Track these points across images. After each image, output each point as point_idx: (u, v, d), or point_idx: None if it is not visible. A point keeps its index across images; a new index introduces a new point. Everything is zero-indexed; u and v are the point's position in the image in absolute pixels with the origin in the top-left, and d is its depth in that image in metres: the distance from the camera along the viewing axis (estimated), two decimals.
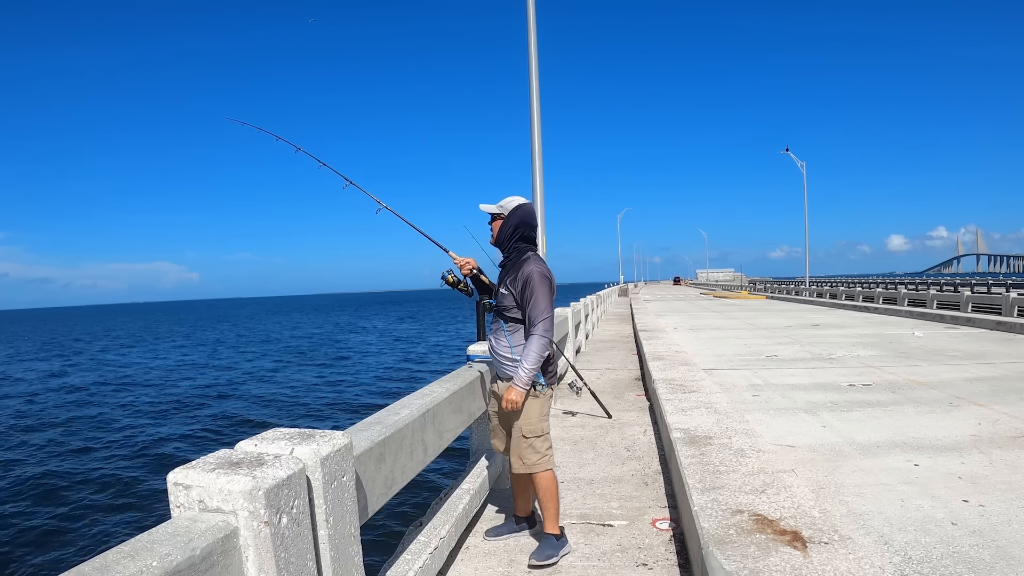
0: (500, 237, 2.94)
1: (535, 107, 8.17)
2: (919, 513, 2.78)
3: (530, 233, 2.94)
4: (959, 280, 34.64)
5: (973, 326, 11.74)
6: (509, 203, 2.93)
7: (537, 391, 2.86)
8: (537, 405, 2.87)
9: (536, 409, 2.86)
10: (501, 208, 2.94)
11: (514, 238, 2.90)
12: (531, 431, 2.84)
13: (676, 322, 14.92)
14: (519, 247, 2.91)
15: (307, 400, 17.06)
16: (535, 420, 2.86)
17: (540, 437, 2.86)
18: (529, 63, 8.15)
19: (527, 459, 2.85)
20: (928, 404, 5.05)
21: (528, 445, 2.85)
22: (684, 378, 6.22)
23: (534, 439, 2.85)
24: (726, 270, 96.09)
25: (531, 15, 8.13)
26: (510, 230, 2.90)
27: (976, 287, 25.60)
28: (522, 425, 2.85)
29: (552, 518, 2.89)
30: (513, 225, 2.90)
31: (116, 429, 13.92)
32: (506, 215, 2.92)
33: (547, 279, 2.82)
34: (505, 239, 2.92)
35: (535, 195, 8.65)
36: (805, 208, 31.51)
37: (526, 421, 2.85)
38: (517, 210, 2.91)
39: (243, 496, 1.29)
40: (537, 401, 2.86)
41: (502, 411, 2.96)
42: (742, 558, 2.23)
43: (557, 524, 2.90)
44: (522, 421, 2.85)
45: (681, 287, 67.36)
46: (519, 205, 2.93)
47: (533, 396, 2.85)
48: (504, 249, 2.95)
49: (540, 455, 2.85)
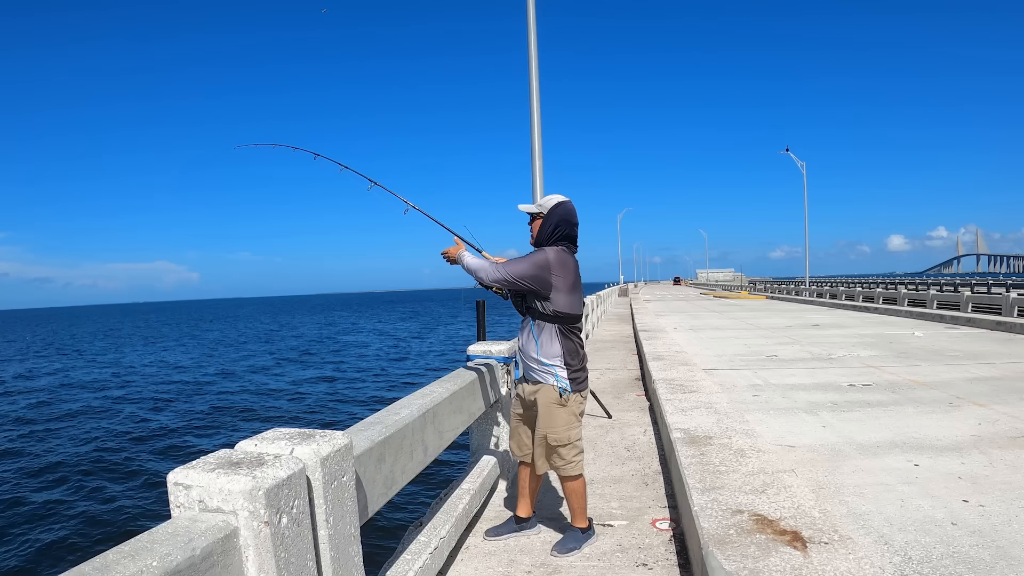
0: (540, 237, 2.86)
1: (535, 107, 8.17)
2: (919, 513, 2.78)
3: (571, 231, 2.85)
4: (959, 280, 34.66)
5: (973, 326, 11.74)
6: (548, 201, 2.86)
7: (564, 398, 2.77)
8: (563, 412, 2.78)
9: (562, 417, 2.78)
10: (540, 207, 2.88)
11: (554, 236, 2.82)
12: (556, 440, 2.77)
13: (676, 322, 14.92)
14: (556, 244, 2.83)
15: (307, 400, 17.06)
16: (561, 428, 2.78)
17: (567, 446, 2.78)
18: (529, 63, 8.16)
19: (553, 462, 2.82)
20: (928, 404, 5.05)
21: (554, 452, 2.80)
22: (684, 378, 6.22)
23: (560, 448, 2.78)
24: (726, 270, 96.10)
25: (531, 15, 8.13)
26: (550, 228, 2.82)
27: (976, 287, 25.61)
28: (548, 433, 2.78)
29: (580, 513, 2.91)
30: (553, 223, 2.82)
31: (115, 429, 13.92)
32: (546, 213, 2.85)
33: (547, 264, 2.71)
34: (545, 238, 2.83)
35: (535, 195, 8.65)
36: (805, 208, 31.54)
37: (551, 429, 2.78)
38: (557, 208, 2.84)
39: (243, 496, 1.29)
40: (563, 409, 2.78)
41: (527, 413, 2.93)
42: (742, 558, 2.23)
43: (585, 518, 2.93)
44: (547, 429, 2.78)
45: (681, 287, 67.36)
46: (559, 203, 2.86)
47: (559, 404, 2.77)
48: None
49: (566, 461, 2.80)
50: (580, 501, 2.90)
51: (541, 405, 2.81)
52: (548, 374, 2.80)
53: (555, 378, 2.78)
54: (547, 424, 2.78)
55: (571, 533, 2.92)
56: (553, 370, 2.79)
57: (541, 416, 2.81)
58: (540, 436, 2.81)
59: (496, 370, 3.85)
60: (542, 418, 2.80)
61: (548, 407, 2.79)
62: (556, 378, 2.78)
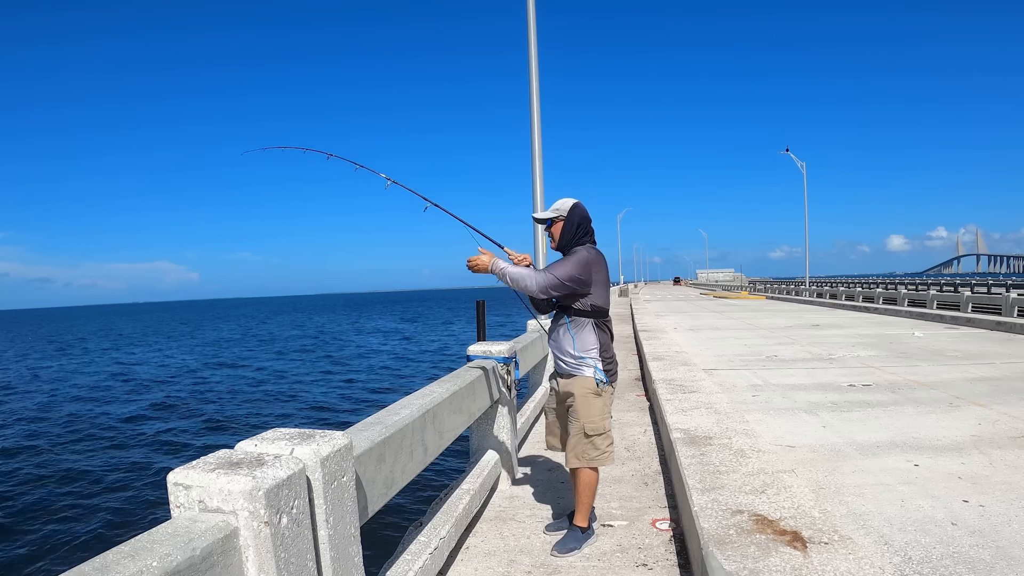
0: (564, 239, 2.93)
1: (535, 107, 8.17)
2: (919, 513, 2.78)
3: (589, 227, 2.96)
4: (959, 280, 34.65)
5: (973, 326, 11.74)
6: (564, 204, 2.94)
7: (600, 388, 2.85)
8: (599, 403, 2.85)
9: (598, 406, 2.85)
10: (558, 211, 2.94)
11: (578, 235, 2.91)
12: (593, 429, 2.83)
13: (676, 322, 14.92)
14: (581, 243, 2.92)
15: (307, 400, 17.06)
16: (597, 418, 2.84)
17: (602, 435, 2.85)
18: (529, 63, 8.15)
19: (586, 454, 2.84)
20: (928, 404, 5.05)
21: (589, 443, 2.84)
22: (684, 378, 6.22)
23: (595, 437, 2.83)
24: (726, 270, 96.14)
25: (531, 15, 8.13)
26: (573, 229, 2.91)
27: (976, 287, 25.60)
28: (584, 423, 2.83)
29: (584, 512, 2.93)
30: (575, 224, 2.91)
31: (115, 429, 13.92)
32: (566, 215, 2.92)
33: (589, 262, 2.81)
34: (568, 239, 2.92)
35: (535, 195, 8.65)
36: (805, 208, 31.55)
37: (588, 418, 2.83)
38: (575, 209, 2.93)
39: (243, 496, 1.29)
40: (599, 399, 2.85)
41: (561, 407, 2.99)
42: (742, 558, 2.23)
43: (587, 518, 2.95)
44: (584, 419, 2.83)
45: (681, 287, 67.36)
46: (575, 204, 2.95)
47: (595, 394, 2.84)
48: (568, 250, 2.93)
49: (600, 451, 2.85)
50: (589, 499, 2.93)
51: (578, 396, 2.85)
52: (585, 366, 2.85)
53: (593, 369, 2.85)
54: (584, 413, 2.83)
55: (571, 533, 2.94)
56: (590, 362, 2.85)
57: (578, 407, 2.85)
58: (577, 427, 2.84)
59: (496, 370, 3.85)
60: (579, 408, 2.84)
61: (585, 397, 2.84)
62: (595, 370, 2.85)
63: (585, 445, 2.84)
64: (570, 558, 2.82)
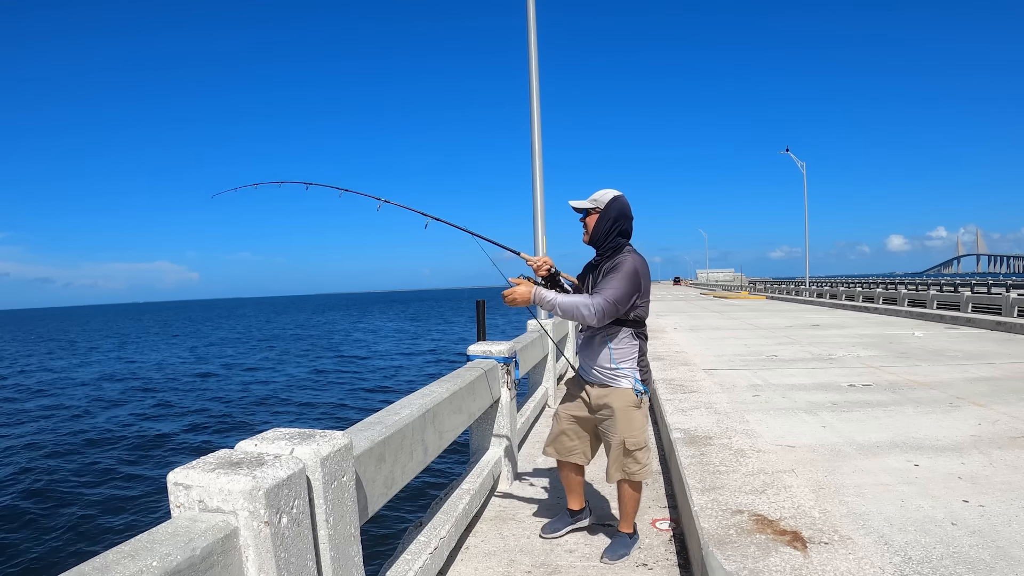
0: (596, 233, 2.71)
1: (535, 107, 8.17)
2: (919, 513, 2.78)
3: (628, 226, 2.72)
4: (959, 280, 34.64)
5: (973, 326, 11.74)
6: (604, 196, 2.71)
7: (639, 399, 2.71)
8: (640, 415, 2.72)
9: (639, 419, 2.71)
10: (595, 202, 2.72)
11: (612, 233, 2.68)
12: (635, 443, 2.68)
13: (676, 322, 14.92)
14: (618, 243, 2.70)
15: (307, 400, 17.06)
16: (639, 431, 2.70)
17: (643, 449, 2.71)
18: (529, 63, 8.15)
19: (628, 468, 2.70)
20: (928, 404, 5.05)
21: (631, 457, 2.69)
22: (684, 378, 6.22)
23: (637, 451, 2.69)
24: (726, 270, 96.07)
25: (531, 14, 8.13)
26: (608, 224, 2.68)
27: (976, 287, 25.59)
28: (626, 437, 2.68)
29: (630, 518, 2.85)
30: (611, 219, 2.67)
31: (115, 429, 13.91)
32: (602, 208, 2.69)
33: (638, 274, 2.60)
34: (602, 235, 2.69)
35: (535, 194, 8.66)
36: (805, 208, 31.56)
37: (630, 432, 2.67)
38: (614, 202, 2.69)
39: (243, 496, 1.29)
40: (639, 411, 2.72)
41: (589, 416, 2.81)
42: (742, 558, 2.23)
43: (632, 524, 2.88)
44: (625, 433, 2.68)
45: (681, 287, 67.36)
46: (615, 196, 2.71)
47: (635, 406, 2.70)
48: (600, 247, 2.73)
49: (641, 465, 2.71)
50: (635, 506, 2.83)
51: (618, 409, 2.69)
52: (623, 378, 2.70)
53: (632, 380, 2.70)
54: (626, 428, 2.68)
55: (620, 538, 2.85)
56: (628, 372, 2.71)
57: (618, 420, 2.69)
58: (618, 441, 2.69)
59: (496, 370, 3.85)
60: (619, 422, 2.69)
61: (626, 411, 2.69)
62: (634, 380, 2.71)
63: (627, 460, 2.69)
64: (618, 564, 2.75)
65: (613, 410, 2.70)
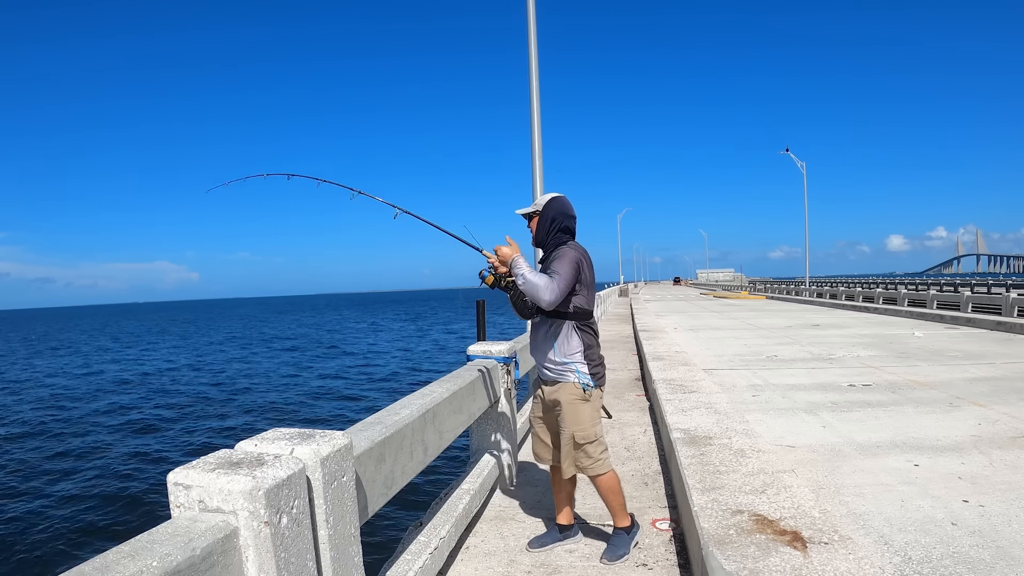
0: (539, 234, 2.83)
1: (535, 106, 8.17)
2: (919, 513, 2.78)
3: (568, 223, 2.82)
4: (959, 280, 34.64)
5: (973, 326, 11.74)
6: (543, 199, 2.86)
7: (587, 393, 2.73)
8: (588, 408, 2.74)
9: (587, 413, 2.73)
10: (535, 206, 2.85)
11: (552, 231, 2.79)
12: (583, 437, 2.71)
13: (676, 322, 14.92)
14: (559, 239, 2.79)
15: (307, 400, 17.06)
16: (587, 424, 2.72)
17: (593, 443, 2.73)
18: (529, 63, 8.15)
19: (580, 462, 2.74)
20: (928, 404, 5.05)
21: (581, 451, 2.72)
22: (684, 378, 6.22)
23: (587, 445, 2.72)
24: (726, 270, 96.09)
25: (531, 14, 8.13)
26: (547, 224, 2.79)
27: (976, 287, 25.59)
28: (574, 431, 2.72)
29: (620, 511, 2.83)
30: (550, 218, 2.79)
31: (115, 429, 13.92)
32: (541, 210, 2.82)
33: (578, 261, 2.68)
34: (544, 234, 2.81)
35: (535, 194, 8.66)
36: (805, 208, 31.55)
37: (577, 426, 2.72)
38: (552, 202, 2.82)
39: (243, 496, 1.29)
40: (587, 404, 2.74)
41: (548, 416, 2.87)
42: (742, 558, 2.23)
43: (626, 515, 2.85)
44: (573, 427, 2.72)
45: (681, 287, 67.34)
46: (554, 197, 2.85)
47: (583, 400, 2.73)
48: (544, 246, 2.83)
49: (593, 459, 2.73)
50: (618, 498, 2.82)
51: (564, 403, 2.75)
52: (569, 372, 2.74)
53: (576, 375, 2.74)
54: (573, 421, 2.72)
55: (616, 537, 2.83)
56: (574, 367, 2.74)
57: (565, 414, 2.74)
58: (567, 436, 2.74)
59: (496, 370, 3.86)
60: (566, 416, 2.74)
61: (572, 404, 2.73)
62: (578, 374, 2.74)
63: (578, 455, 2.73)
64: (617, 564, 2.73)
65: (561, 404, 2.76)
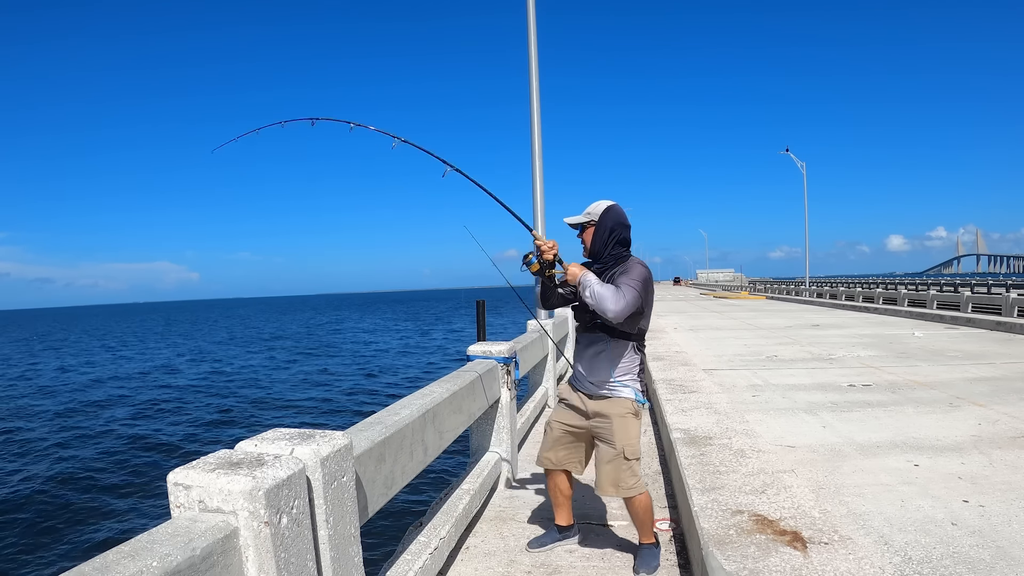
0: (596, 246, 2.66)
1: (535, 106, 8.16)
2: (919, 513, 2.78)
3: (627, 235, 2.68)
4: (959, 280, 34.63)
5: (973, 326, 11.74)
6: (597, 208, 2.68)
7: (638, 408, 2.65)
8: (637, 425, 2.66)
9: (637, 428, 2.66)
10: (590, 215, 2.69)
11: (611, 243, 2.64)
12: (633, 452, 2.61)
13: (676, 322, 14.93)
14: (618, 252, 2.65)
15: (307, 400, 17.06)
16: (635, 440, 2.64)
17: (639, 460, 2.66)
18: (529, 63, 8.15)
19: (624, 482, 2.62)
20: (928, 404, 5.05)
21: (628, 468, 2.61)
22: (684, 378, 6.22)
23: (634, 461, 2.62)
24: (726, 270, 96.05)
25: (531, 14, 8.13)
26: (606, 235, 2.64)
27: (976, 287, 25.57)
28: (624, 446, 2.60)
29: (648, 530, 2.76)
30: (608, 229, 2.64)
31: (115, 429, 13.91)
32: (598, 220, 2.66)
33: (648, 280, 2.57)
34: (601, 246, 2.65)
35: (535, 194, 8.65)
36: (805, 208, 31.58)
37: (627, 441, 2.60)
38: (609, 212, 2.66)
39: (243, 496, 1.29)
40: (637, 421, 2.66)
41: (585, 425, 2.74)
42: (742, 558, 2.23)
43: (652, 534, 2.79)
44: (624, 441, 2.60)
45: (681, 287, 67.34)
46: (610, 206, 2.68)
47: (634, 414, 2.64)
48: (601, 258, 2.67)
49: (637, 478, 2.65)
50: (650, 519, 2.75)
51: (615, 417, 2.63)
52: (623, 387, 2.66)
53: (632, 391, 2.65)
54: (624, 437, 2.61)
55: (648, 551, 2.75)
56: (629, 383, 2.66)
57: (616, 429, 2.62)
58: (616, 450, 2.61)
59: (496, 370, 3.86)
60: (617, 431, 2.62)
61: (624, 419, 2.63)
62: (634, 392, 2.66)
63: (624, 472, 2.61)
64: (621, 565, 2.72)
65: (611, 418, 2.65)
